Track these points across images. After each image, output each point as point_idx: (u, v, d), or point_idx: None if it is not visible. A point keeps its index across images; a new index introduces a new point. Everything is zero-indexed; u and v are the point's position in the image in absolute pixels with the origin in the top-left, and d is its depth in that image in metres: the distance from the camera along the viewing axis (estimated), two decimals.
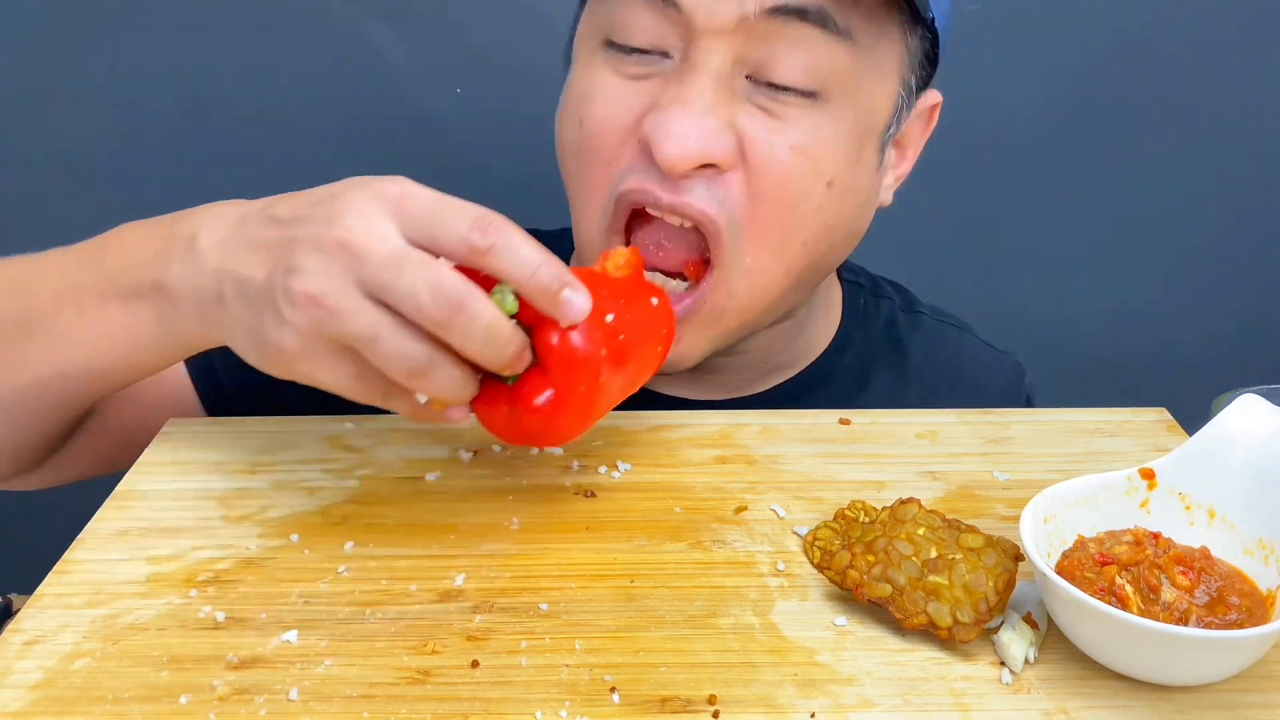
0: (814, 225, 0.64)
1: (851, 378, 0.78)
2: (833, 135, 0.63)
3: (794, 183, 0.62)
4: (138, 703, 0.45)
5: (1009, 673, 0.47)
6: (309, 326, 0.49)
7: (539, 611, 0.50)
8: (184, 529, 0.56)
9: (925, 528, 0.51)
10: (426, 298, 0.47)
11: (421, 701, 0.45)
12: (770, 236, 0.63)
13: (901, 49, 0.65)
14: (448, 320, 0.48)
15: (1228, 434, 0.52)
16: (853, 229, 0.68)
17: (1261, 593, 0.48)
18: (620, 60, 0.64)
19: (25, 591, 0.54)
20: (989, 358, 0.84)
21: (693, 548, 0.55)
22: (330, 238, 0.49)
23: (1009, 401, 0.82)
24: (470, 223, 0.48)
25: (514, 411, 0.52)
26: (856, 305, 0.81)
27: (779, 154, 0.62)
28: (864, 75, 0.63)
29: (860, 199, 0.67)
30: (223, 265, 0.53)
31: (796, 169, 0.62)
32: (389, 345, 0.49)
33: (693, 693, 0.46)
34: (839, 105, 0.63)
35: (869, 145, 0.65)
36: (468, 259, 0.49)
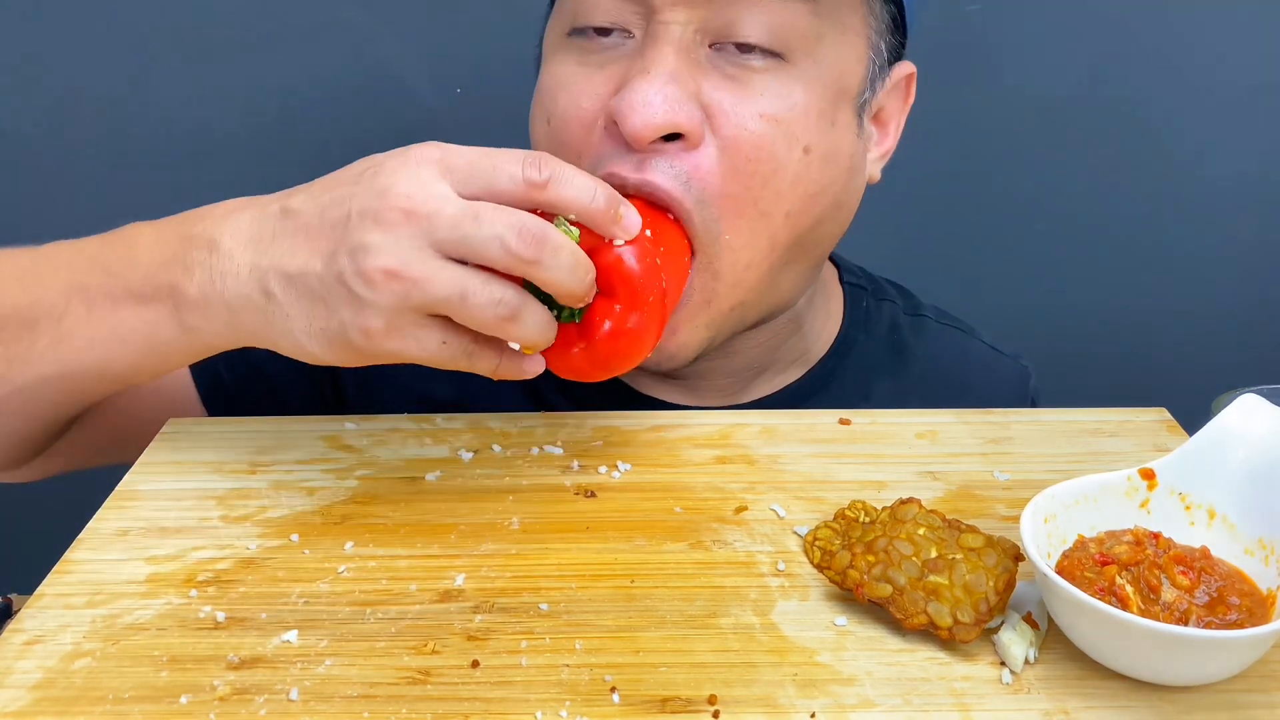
0: (795, 195, 0.63)
1: (853, 384, 0.77)
2: (803, 99, 0.62)
3: (767, 152, 0.61)
4: (138, 703, 0.45)
5: (1009, 673, 0.47)
6: (393, 301, 0.49)
7: (539, 611, 0.50)
8: (184, 529, 0.56)
9: (925, 528, 0.51)
10: (514, 238, 0.49)
11: (421, 701, 0.45)
12: (748, 210, 0.62)
13: (864, 10, 0.64)
14: (536, 255, 0.49)
15: (1228, 434, 0.52)
16: (839, 199, 0.66)
17: (1261, 592, 0.48)
18: (584, 48, 0.64)
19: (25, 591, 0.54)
20: (993, 362, 0.83)
21: (693, 548, 0.55)
22: (390, 208, 0.49)
23: (1014, 405, 0.81)
24: (521, 162, 0.50)
25: (591, 345, 0.55)
26: (859, 308, 0.80)
27: (748, 123, 0.61)
28: (828, 36, 0.62)
29: (843, 165, 0.65)
30: (260, 262, 0.53)
31: (768, 137, 0.61)
32: (480, 297, 0.50)
33: (693, 693, 0.46)
34: (806, 67, 0.62)
35: (843, 108, 0.64)
36: (527, 195, 0.50)
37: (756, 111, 0.61)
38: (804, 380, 0.76)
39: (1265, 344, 1.22)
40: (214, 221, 0.55)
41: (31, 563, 0.62)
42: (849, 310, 0.80)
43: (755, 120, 0.61)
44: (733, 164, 0.61)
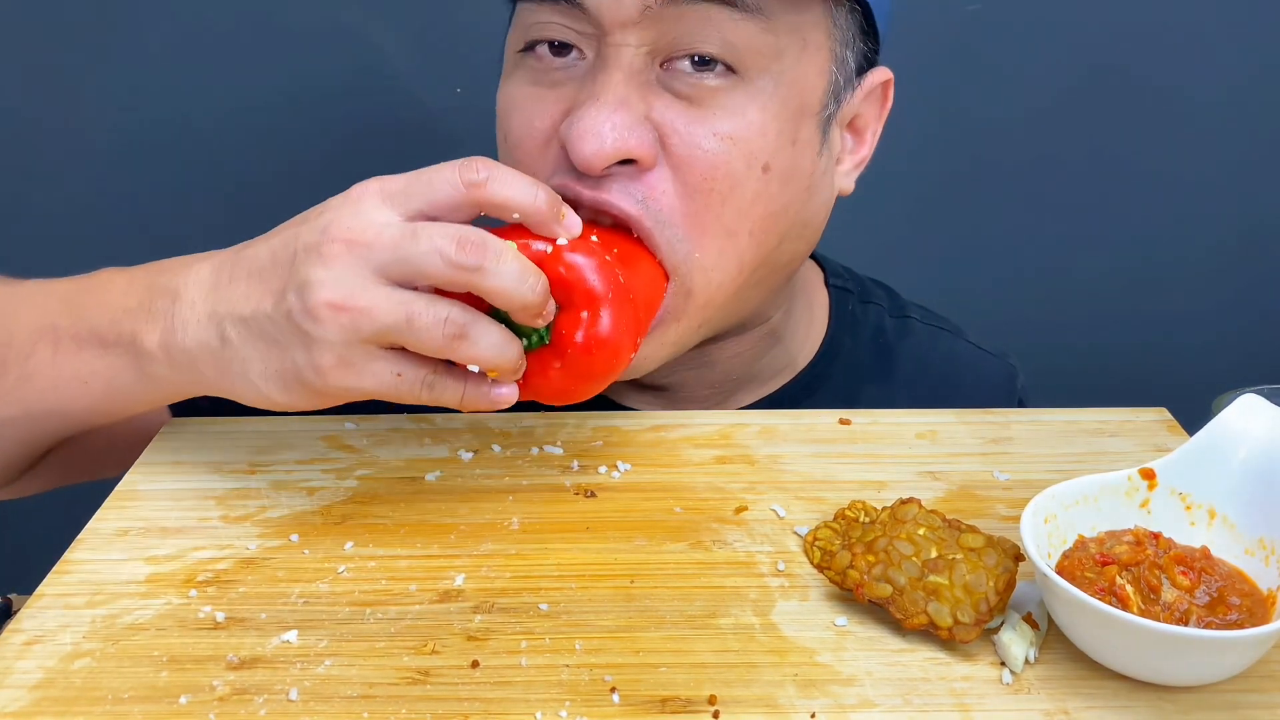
0: (756, 213, 0.62)
1: (840, 389, 0.76)
2: (760, 117, 0.60)
3: (723, 171, 0.60)
4: (137, 703, 0.45)
5: (1009, 673, 0.47)
6: (341, 335, 0.49)
7: (539, 612, 0.50)
8: (184, 529, 0.56)
9: (925, 528, 0.51)
10: (453, 248, 0.48)
11: (421, 702, 0.45)
12: (712, 228, 0.61)
13: (827, 23, 0.62)
14: (479, 262, 0.49)
15: (1228, 434, 0.52)
16: (802, 217, 0.65)
17: (1262, 593, 0.48)
18: (536, 67, 0.63)
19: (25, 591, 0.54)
20: (980, 362, 0.83)
21: (693, 548, 0.55)
22: (331, 241, 0.49)
23: (1003, 405, 0.81)
24: (458, 167, 0.50)
25: (567, 359, 0.54)
26: (844, 312, 0.79)
27: (702, 143, 0.60)
28: (787, 51, 0.61)
29: (804, 183, 0.64)
30: (216, 309, 0.53)
31: (724, 156, 0.60)
32: (425, 318, 0.49)
33: (693, 693, 0.46)
34: (762, 85, 0.60)
35: (805, 125, 0.63)
36: (469, 197, 0.50)
37: (710, 130, 0.60)
38: (789, 387, 0.76)
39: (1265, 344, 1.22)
40: (179, 271, 0.55)
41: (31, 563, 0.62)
42: (834, 315, 0.79)
43: (709, 139, 0.60)
44: (688, 183, 0.60)
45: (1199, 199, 1.18)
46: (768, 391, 0.75)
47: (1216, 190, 1.17)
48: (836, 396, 0.75)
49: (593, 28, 0.60)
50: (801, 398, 0.75)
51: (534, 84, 0.63)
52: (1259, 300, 1.22)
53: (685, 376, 0.71)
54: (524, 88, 0.64)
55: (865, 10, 0.64)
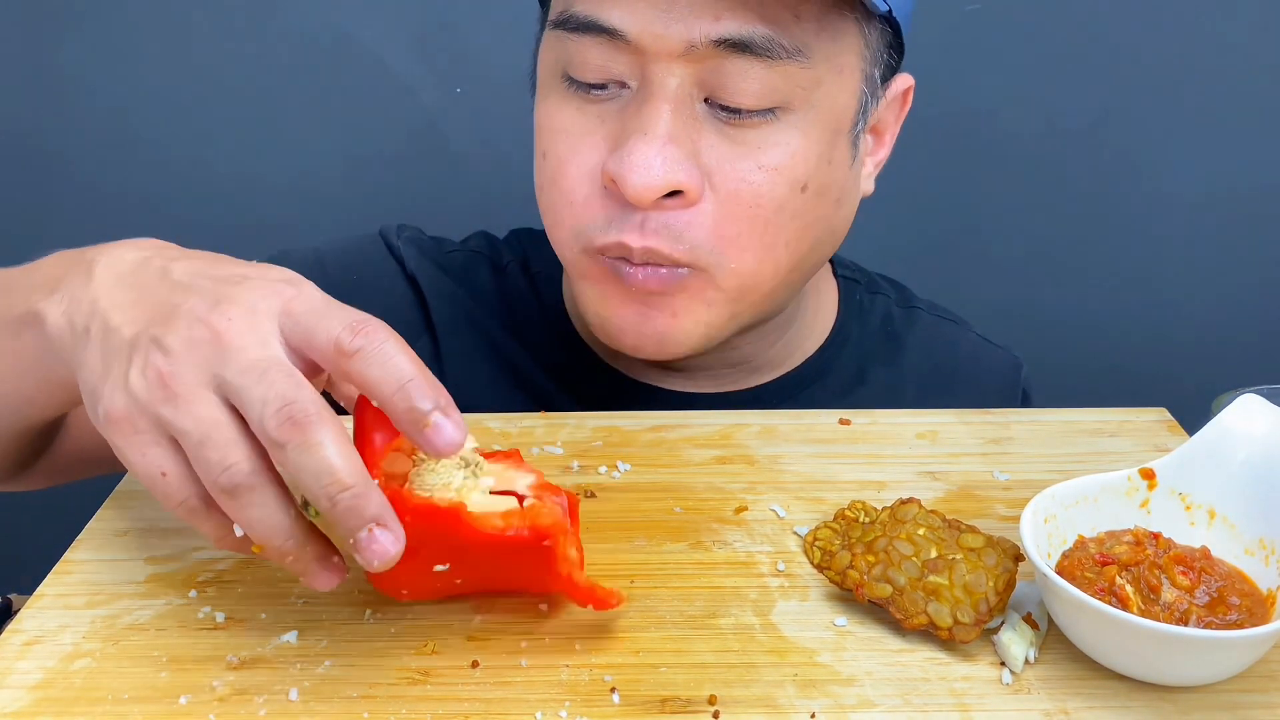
0: (794, 228, 0.64)
1: (848, 374, 0.78)
2: (802, 146, 0.62)
3: (768, 199, 0.62)
4: (138, 703, 0.45)
5: (1009, 673, 0.47)
6: (144, 400, 0.45)
7: (539, 612, 0.50)
8: (184, 529, 0.56)
9: (925, 528, 0.51)
10: (274, 408, 0.43)
11: (421, 702, 0.45)
12: (750, 246, 0.63)
13: (860, 45, 0.64)
14: (285, 438, 0.43)
15: (1228, 434, 0.52)
16: (832, 225, 0.68)
17: (1262, 593, 0.48)
18: (581, 95, 0.63)
19: (25, 591, 0.54)
20: (985, 353, 0.84)
21: (693, 548, 0.55)
22: (209, 324, 0.45)
23: (1006, 396, 0.82)
24: (346, 324, 0.44)
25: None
26: (852, 301, 0.81)
27: (748, 176, 0.61)
28: (824, 82, 0.62)
29: (836, 195, 0.66)
30: (99, 304, 0.49)
31: (768, 186, 0.62)
32: (216, 450, 0.44)
33: (693, 693, 0.46)
34: (802, 115, 0.62)
35: (840, 145, 0.65)
36: (335, 361, 0.44)
37: (756, 165, 0.61)
38: (800, 370, 0.78)
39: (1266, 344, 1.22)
40: (104, 253, 0.52)
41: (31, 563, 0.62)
42: (843, 303, 0.81)
43: (755, 172, 0.61)
44: (732, 213, 0.62)
45: (1200, 199, 1.18)
46: (777, 374, 0.77)
47: (1217, 190, 1.17)
48: (843, 381, 0.78)
49: (636, 58, 0.60)
50: (810, 380, 0.77)
51: (579, 112, 0.63)
52: (1259, 300, 1.22)
53: (703, 359, 0.73)
54: (569, 112, 0.64)
55: (894, 26, 0.65)
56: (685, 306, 0.64)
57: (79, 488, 0.75)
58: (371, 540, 0.43)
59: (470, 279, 0.79)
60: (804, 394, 0.77)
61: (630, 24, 0.59)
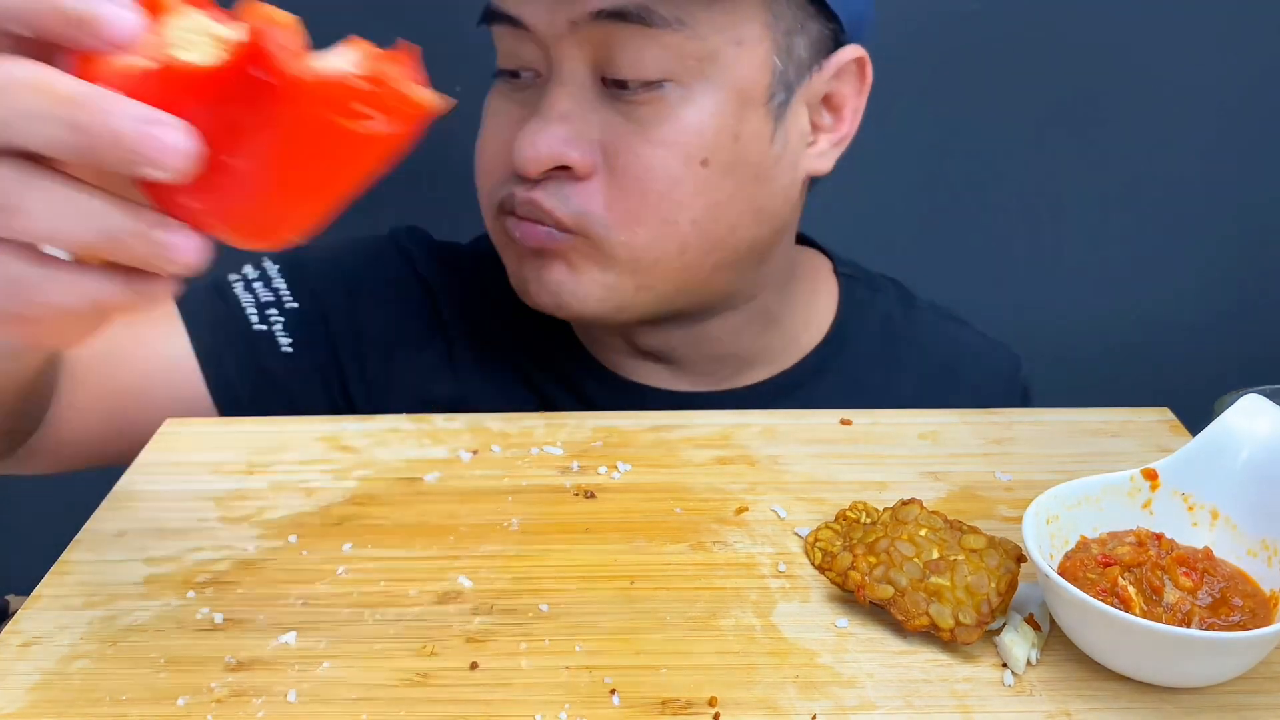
0: (699, 204, 0.64)
1: (847, 372, 0.78)
2: (696, 118, 0.63)
3: (659, 173, 0.63)
4: (136, 704, 0.45)
5: (1011, 674, 0.47)
6: None
7: (539, 613, 0.50)
8: (182, 530, 0.56)
9: (927, 529, 0.51)
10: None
11: (421, 704, 0.45)
12: (646, 220, 0.64)
13: (764, 14, 0.64)
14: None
15: (1231, 434, 0.52)
16: (755, 204, 0.67)
17: (1265, 594, 0.48)
18: (509, 84, 0.68)
19: (23, 592, 0.54)
20: (985, 350, 0.84)
21: (693, 549, 0.55)
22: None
23: (1006, 393, 0.82)
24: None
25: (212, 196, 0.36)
26: (853, 299, 0.81)
27: (640, 151, 0.63)
28: (718, 52, 0.63)
29: (752, 173, 0.66)
30: None
31: (659, 160, 0.63)
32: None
33: (693, 694, 0.45)
34: (695, 88, 0.63)
35: (750, 118, 0.65)
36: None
37: (646, 139, 0.63)
38: (798, 368, 0.78)
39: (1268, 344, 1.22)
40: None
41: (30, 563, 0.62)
42: (843, 301, 0.81)
43: (645, 147, 0.63)
44: (621, 187, 0.64)
45: (1201, 199, 1.18)
46: (774, 372, 0.78)
47: (1219, 190, 1.17)
48: (843, 379, 0.78)
49: (537, 43, 0.64)
50: (809, 380, 0.78)
51: (505, 99, 0.68)
52: (1261, 300, 1.22)
53: (682, 350, 0.74)
54: (498, 103, 0.69)
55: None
56: (579, 265, 0.66)
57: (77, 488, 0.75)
58: (151, 141, 0.33)
59: (478, 280, 0.80)
60: (801, 392, 0.77)
61: (522, 10, 0.64)
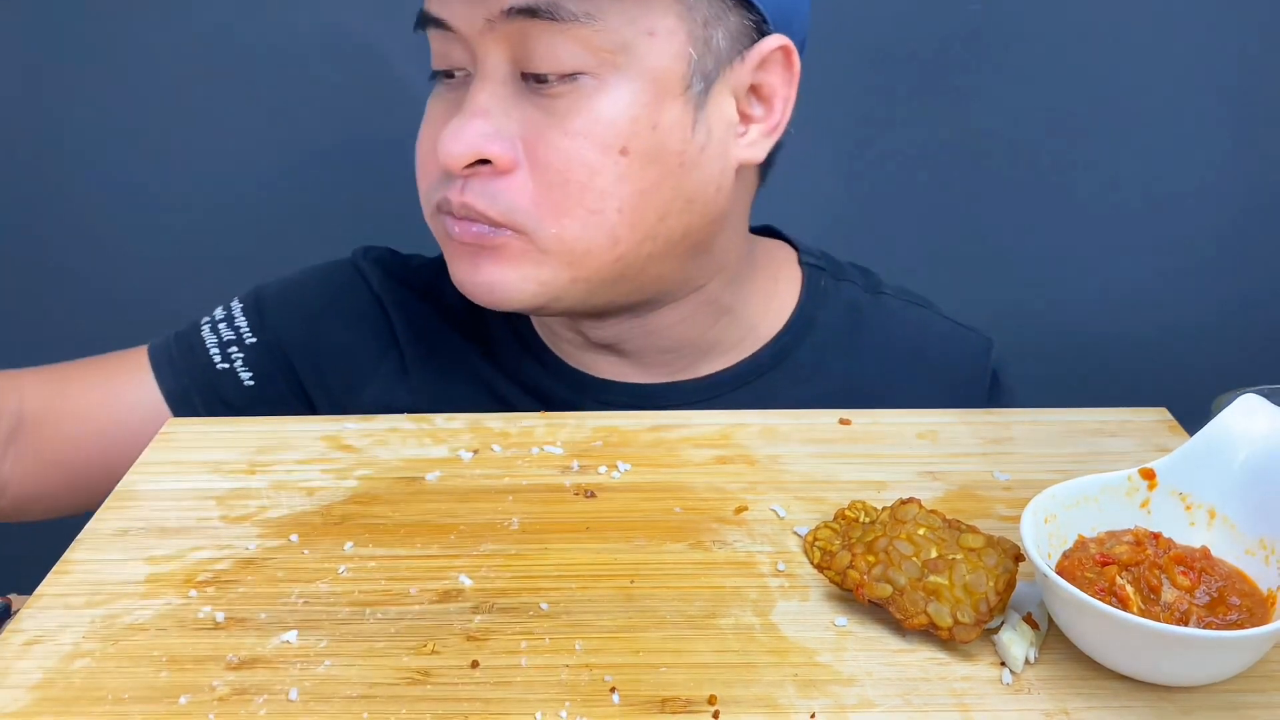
0: (623, 192, 0.65)
1: (809, 361, 0.78)
2: (611, 109, 0.64)
3: (578, 162, 0.64)
4: (137, 703, 0.45)
5: (1009, 673, 0.47)
6: None
7: (539, 612, 0.50)
8: (183, 529, 0.56)
9: (926, 528, 0.51)
10: None
11: (421, 702, 0.45)
12: (572, 211, 0.65)
13: (677, 6, 0.64)
14: None
15: (1228, 434, 0.52)
16: (683, 193, 0.67)
17: (1262, 593, 0.48)
18: (443, 87, 0.69)
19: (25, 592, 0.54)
20: (953, 335, 0.83)
21: (693, 548, 0.55)
22: None
23: (975, 377, 0.81)
24: None
25: None
26: (816, 288, 0.81)
27: (557, 143, 0.64)
28: (631, 44, 0.64)
29: (675, 161, 0.66)
30: None
31: (577, 150, 0.64)
32: None
33: (693, 693, 0.46)
34: (610, 80, 0.64)
35: (668, 108, 0.65)
36: None
37: (562, 132, 0.64)
38: (758, 356, 0.78)
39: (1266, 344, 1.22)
40: None
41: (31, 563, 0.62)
42: (807, 289, 0.81)
43: (562, 139, 0.64)
44: (545, 179, 0.65)
45: (1201, 198, 1.18)
46: (733, 361, 0.78)
47: (1218, 190, 1.17)
48: (805, 367, 0.78)
49: (462, 43, 0.65)
50: (769, 367, 0.78)
51: (440, 99, 0.69)
52: (1259, 300, 1.22)
53: (634, 341, 0.75)
54: (433, 103, 0.70)
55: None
56: (512, 261, 0.67)
57: None
58: None
59: (435, 291, 0.81)
60: (761, 380, 0.77)
61: (445, 11, 0.65)
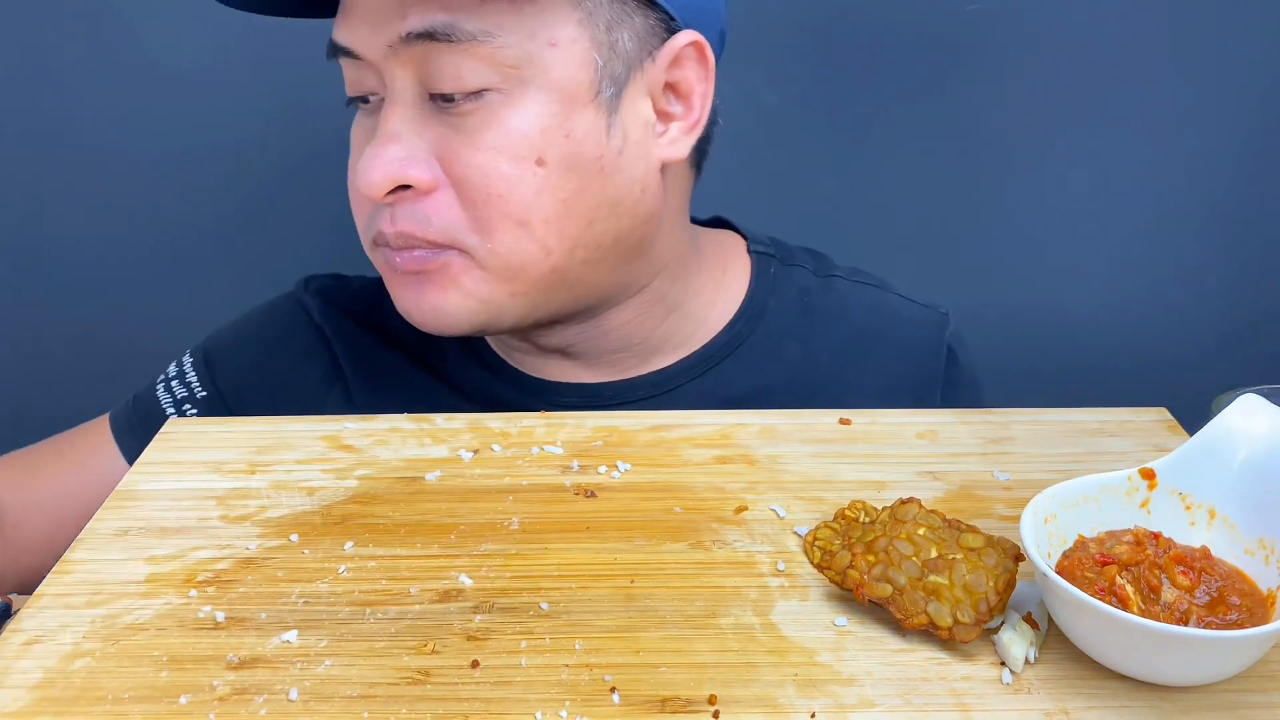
0: (545, 203, 0.65)
1: (761, 348, 0.79)
2: (520, 121, 0.64)
3: (495, 175, 0.65)
4: (137, 703, 0.45)
5: (1009, 673, 0.47)
6: None
7: (539, 611, 0.50)
8: (183, 529, 0.56)
9: (925, 528, 0.51)
10: None
11: (421, 702, 0.45)
12: (499, 225, 0.65)
13: (576, 14, 0.65)
14: None
15: (1228, 434, 0.52)
16: (607, 198, 0.68)
17: (1262, 593, 0.48)
18: (361, 114, 0.70)
19: (25, 591, 0.54)
20: (907, 312, 0.83)
21: (693, 548, 0.55)
22: None
23: (929, 354, 0.81)
24: None
25: None
26: (766, 275, 0.81)
27: (472, 160, 0.65)
28: (533, 57, 0.64)
29: (594, 168, 0.66)
30: None
31: (492, 164, 0.64)
32: None
33: (693, 693, 0.46)
34: (515, 93, 0.64)
35: (579, 116, 0.65)
36: None
37: (475, 147, 0.65)
38: (709, 347, 0.78)
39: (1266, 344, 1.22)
40: None
41: None
42: (756, 278, 0.81)
43: (476, 155, 0.65)
44: (467, 196, 0.65)
45: (1200, 197, 1.18)
46: (685, 354, 0.78)
47: (1218, 189, 1.17)
48: (756, 354, 0.79)
49: (369, 69, 0.66)
50: (720, 357, 0.78)
51: (359, 126, 0.70)
52: (1259, 300, 1.22)
53: (584, 345, 0.76)
54: (354, 130, 0.71)
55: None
56: (453, 282, 0.67)
57: None
58: None
59: (378, 315, 0.80)
60: (714, 370, 0.78)
61: (350, 39, 0.66)
